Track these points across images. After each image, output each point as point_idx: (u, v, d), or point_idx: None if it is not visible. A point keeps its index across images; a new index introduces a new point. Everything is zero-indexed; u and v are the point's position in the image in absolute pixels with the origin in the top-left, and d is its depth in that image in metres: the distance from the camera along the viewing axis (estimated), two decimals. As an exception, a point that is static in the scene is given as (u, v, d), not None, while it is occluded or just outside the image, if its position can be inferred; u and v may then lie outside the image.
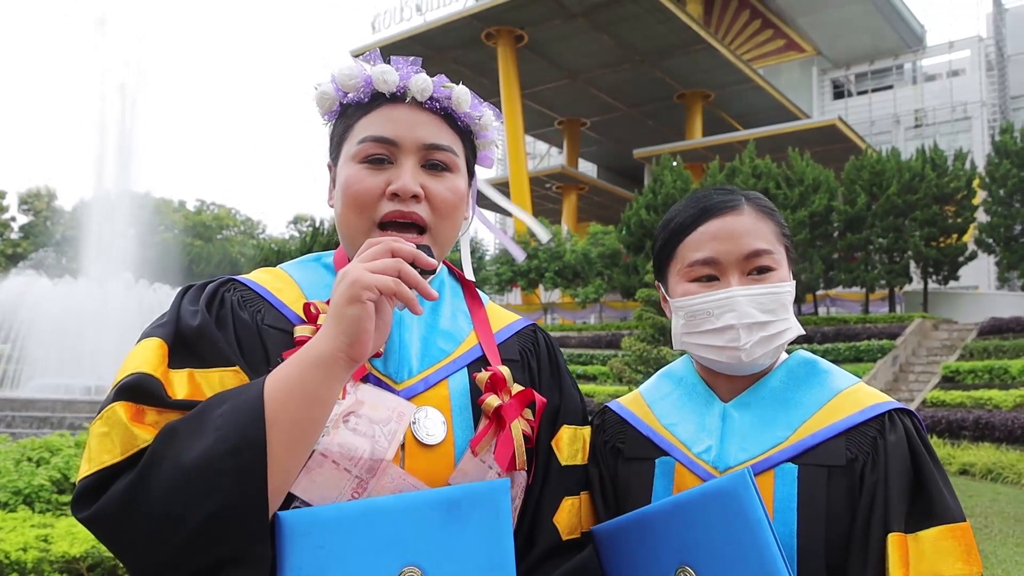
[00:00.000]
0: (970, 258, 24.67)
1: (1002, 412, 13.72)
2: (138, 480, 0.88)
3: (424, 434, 1.06)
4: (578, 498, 1.20)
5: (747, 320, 1.19)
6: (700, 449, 1.24)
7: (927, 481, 1.14)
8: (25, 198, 44.81)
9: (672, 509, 1.13)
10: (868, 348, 19.08)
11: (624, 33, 34.12)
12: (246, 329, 1.08)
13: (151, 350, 1.01)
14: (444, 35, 34.72)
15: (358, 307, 0.91)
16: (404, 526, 0.94)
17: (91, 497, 0.91)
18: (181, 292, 1.12)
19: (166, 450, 0.89)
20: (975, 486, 10.01)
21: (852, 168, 25.58)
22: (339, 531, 0.91)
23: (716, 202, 1.26)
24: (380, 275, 0.92)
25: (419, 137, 1.14)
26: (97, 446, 0.93)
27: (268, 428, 0.89)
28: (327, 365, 0.92)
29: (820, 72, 45.72)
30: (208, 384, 1.00)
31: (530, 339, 1.28)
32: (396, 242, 0.97)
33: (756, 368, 1.25)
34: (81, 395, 11.04)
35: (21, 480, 4.89)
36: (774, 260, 1.23)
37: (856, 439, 1.18)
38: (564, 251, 30.61)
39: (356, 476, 0.99)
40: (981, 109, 39.84)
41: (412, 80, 1.15)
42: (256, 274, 1.19)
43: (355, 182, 1.12)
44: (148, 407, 0.95)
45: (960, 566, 1.07)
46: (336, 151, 1.21)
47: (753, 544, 1.04)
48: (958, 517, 1.11)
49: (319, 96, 1.20)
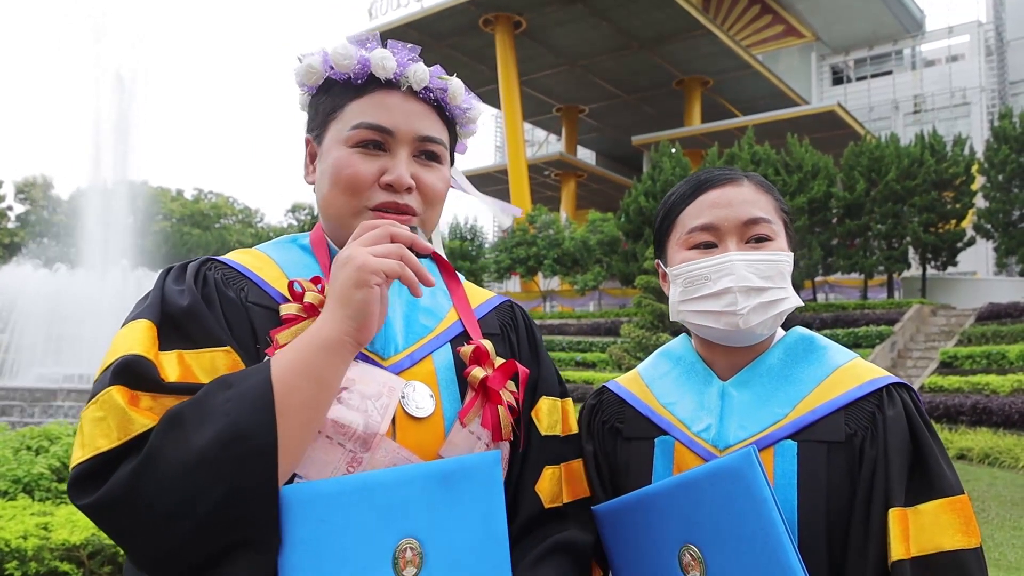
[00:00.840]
0: (968, 244, 24.66)
1: (1000, 397, 13.77)
2: (144, 465, 0.87)
3: (414, 407, 1.07)
4: (559, 468, 1.22)
5: (744, 284, 1.20)
6: (699, 428, 1.24)
7: (926, 455, 1.14)
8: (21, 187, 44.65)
9: (676, 488, 1.13)
10: (866, 334, 19.14)
11: (622, 19, 33.94)
12: (232, 307, 1.07)
13: (141, 331, 0.99)
14: (441, 21, 34.51)
15: (366, 291, 0.93)
16: (402, 498, 0.95)
17: (90, 484, 0.89)
18: (163, 273, 1.11)
19: (173, 436, 0.88)
20: (972, 470, 10.06)
21: (851, 154, 25.52)
22: (340, 504, 0.92)
23: (716, 175, 1.28)
24: (385, 259, 0.94)
25: (414, 128, 1.14)
26: (92, 431, 0.91)
27: (278, 413, 0.89)
28: (335, 349, 0.93)
29: (819, 58, 45.54)
30: (199, 366, 0.98)
31: (508, 314, 1.31)
32: (394, 226, 0.99)
33: (753, 339, 1.25)
34: (79, 383, 11.05)
35: (20, 468, 4.90)
36: (772, 230, 1.24)
37: (855, 414, 1.18)
38: (563, 238, 30.59)
39: (350, 450, 1.00)
40: (980, 94, 39.72)
41: (410, 68, 1.15)
42: (234, 254, 1.19)
43: (347, 166, 1.12)
44: (143, 392, 0.93)
45: (959, 538, 1.08)
46: (319, 128, 1.19)
47: (759, 522, 1.04)
48: (957, 490, 1.11)
49: (305, 69, 1.18)
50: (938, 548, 1.07)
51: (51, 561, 3.63)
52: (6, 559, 3.58)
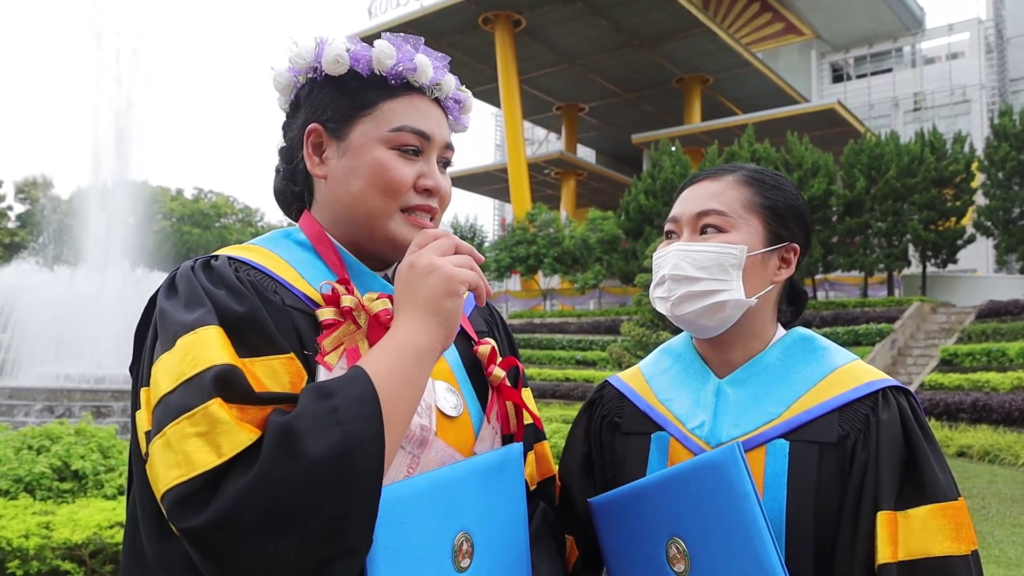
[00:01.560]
0: (969, 241, 24.65)
1: (1000, 394, 13.78)
2: (257, 482, 0.82)
3: (449, 407, 1.11)
4: (532, 453, 1.28)
5: (676, 272, 1.24)
6: (694, 424, 1.25)
7: (919, 459, 1.13)
8: (22, 187, 44.67)
9: (664, 482, 1.15)
10: (867, 332, 19.15)
11: (622, 17, 33.91)
12: (277, 312, 1.01)
13: (216, 339, 0.92)
14: (441, 20, 34.48)
15: (456, 300, 0.98)
16: (460, 494, 1.01)
17: (197, 503, 0.83)
18: (188, 272, 1.03)
19: (285, 450, 0.84)
20: (973, 468, 10.08)
21: (851, 152, 25.51)
22: (412, 506, 0.95)
23: (704, 172, 1.32)
24: (467, 271, 0.99)
25: (444, 136, 1.19)
26: (195, 448, 0.85)
27: (385, 422, 0.89)
28: (429, 356, 0.97)
29: (819, 56, 45.50)
30: (268, 375, 0.93)
31: (487, 311, 1.36)
32: (453, 238, 1.04)
33: (706, 330, 1.27)
34: (80, 383, 11.06)
35: (22, 468, 4.91)
36: (726, 222, 1.25)
37: (849, 416, 1.18)
38: (563, 237, 30.59)
39: (409, 452, 1.03)
40: (980, 92, 39.68)
41: (445, 79, 1.19)
42: (244, 252, 1.11)
43: (391, 168, 1.11)
44: (236, 404, 0.88)
45: (948, 544, 1.07)
46: (341, 121, 1.14)
47: (740, 516, 1.05)
48: (950, 496, 1.10)
49: (332, 58, 1.12)
50: (926, 553, 1.06)
51: (53, 560, 3.64)
52: (8, 558, 3.59)
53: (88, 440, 5.53)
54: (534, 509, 1.23)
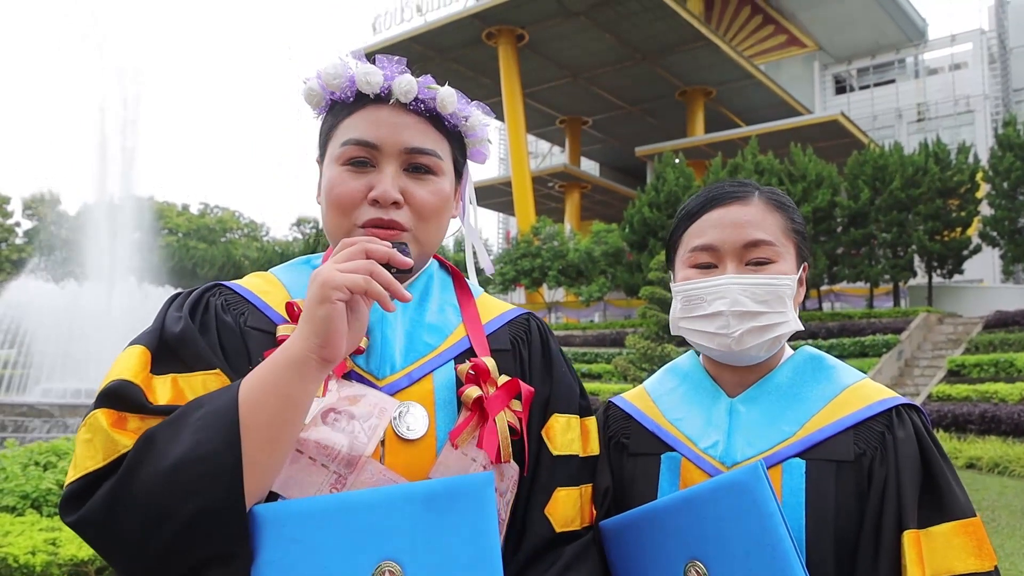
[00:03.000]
0: (974, 251, 24.57)
1: (1008, 405, 13.69)
2: (119, 485, 0.90)
3: (404, 429, 1.06)
4: (577, 489, 1.16)
5: (738, 308, 1.20)
6: (707, 444, 1.24)
7: (937, 476, 1.13)
8: (29, 203, 44.94)
9: (683, 503, 1.13)
10: (873, 343, 19.05)
11: (625, 31, 34.08)
12: (229, 332, 1.09)
13: (134, 357, 1.02)
14: (445, 35, 34.71)
15: (328, 307, 0.91)
16: (381, 520, 0.93)
17: (76, 502, 0.92)
18: (169, 300, 1.13)
19: (145, 455, 0.90)
20: (982, 480, 10.00)
21: (855, 163, 25.51)
22: (313, 524, 0.91)
23: (725, 192, 1.28)
24: (351, 275, 0.92)
25: (402, 141, 1.12)
26: (81, 452, 0.95)
27: (243, 430, 0.90)
28: (299, 366, 0.92)
29: (822, 67, 45.60)
30: (191, 388, 1.00)
31: (523, 327, 1.26)
32: (371, 242, 0.97)
33: (752, 359, 1.25)
34: (87, 399, 11.09)
35: (29, 484, 4.91)
36: (775, 252, 1.24)
37: (864, 434, 1.18)
38: (567, 249, 30.59)
39: (334, 471, 0.99)
40: (984, 102, 39.69)
41: (396, 81, 1.13)
42: (246, 279, 1.20)
43: (337, 184, 1.12)
44: (129, 413, 0.96)
45: (973, 561, 1.07)
46: (321, 149, 1.20)
47: (765, 537, 1.03)
48: (969, 512, 1.10)
49: (307, 92, 1.19)
50: (951, 571, 1.06)
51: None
52: (15, 575, 3.59)
53: (95, 456, 5.54)
54: (562, 552, 1.12)
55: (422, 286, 1.22)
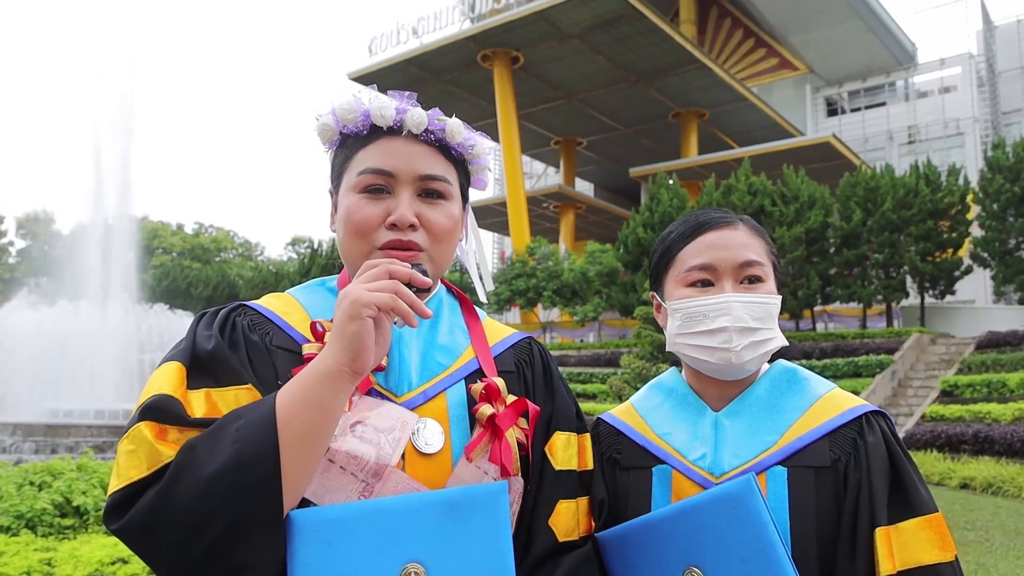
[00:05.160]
0: (966, 272, 24.76)
1: (1001, 426, 13.73)
2: (163, 493, 0.95)
3: (423, 443, 1.13)
4: (575, 502, 1.24)
5: (740, 324, 1.28)
6: (695, 456, 1.31)
7: (904, 477, 1.23)
8: (23, 222, 44.87)
9: (680, 514, 1.20)
10: (866, 363, 19.12)
11: (618, 54, 34.46)
12: (256, 350, 1.15)
13: (171, 373, 1.08)
14: (440, 57, 35.02)
15: (358, 323, 0.98)
16: (407, 525, 1.00)
17: (121, 510, 0.97)
18: (197, 318, 1.20)
19: (187, 464, 0.96)
20: (976, 500, 10.01)
21: (847, 184, 25.74)
22: (345, 529, 0.98)
23: (714, 217, 1.37)
24: (378, 293, 1.00)
25: (415, 168, 1.21)
26: (125, 463, 1.00)
27: (280, 439, 0.96)
28: (332, 378, 0.99)
29: (813, 90, 46.12)
30: (224, 402, 1.06)
31: (525, 351, 1.35)
32: (393, 264, 1.05)
33: (744, 373, 1.33)
34: (80, 419, 11.03)
35: (23, 504, 4.90)
36: (764, 272, 1.33)
37: (838, 441, 1.27)
38: (562, 270, 30.69)
39: (362, 480, 1.06)
40: (973, 125, 40.16)
41: (408, 114, 1.21)
42: (265, 299, 1.27)
43: (356, 211, 1.19)
44: (170, 426, 1.02)
45: (936, 552, 1.17)
46: (337, 180, 1.27)
47: (759, 544, 1.11)
48: (932, 508, 1.20)
49: (320, 127, 1.27)
50: (918, 562, 1.16)
51: (55, 597, 3.62)
52: (10, 595, 3.57)
53: (90, 476, 5.52)
54: (563, 561, 1.19)
55: (433, 308, 1.29)
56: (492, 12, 34.03)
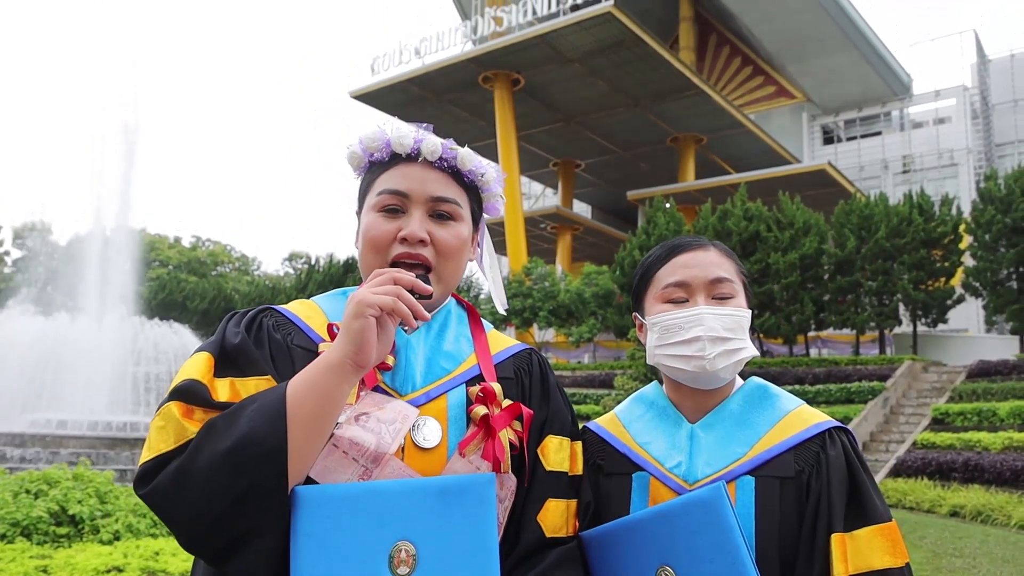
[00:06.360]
0: (958, 301, 24.93)
1: (991, 454, 13.82)
2: (185, 463, 1.08)
3: (421, 438, 1.24)
4: (564, 502, 1.34)
5: (712, 334, 1.39)
6: (672, 464, 1.42)
7: (861, 488, 1.34)
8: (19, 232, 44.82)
9: (656, 517, 1.31)
10: (859, 390, 19.20)
11: (618, 79, 34.83)
12: (279, 348, 1.29)
13: (200, 361, 1.21)
14: (442, 78, 35.33)
15: (362, 321, 1.11)
16: (401, 506, 1.11)
17: (149, 478, 1.10)
18: (227, 318, 1.34)
19: (207, 439, 1.09)
20: (965, 528, 10.05)
21: (841, 212, 25.98)
22: (345, 506, 1.09)
23: (687, 241, 1.50)
24: (382, 296, 1.13)
25: (427, 191, 1.35)
26: (156, 437, 1.13)
27: (288, 420, 1.08)
28: (337, 369, 1.12)
29: (810, 118, 46.59)
30: (245, 390, 1.19)
31: (525, 360, 1.46)
32: (398, 272, 1.18)
33: (720, 381, 1.44)
34: (75, 429, 11.03)
35: (19, 512, 4.94)
36: (734, 289, 1.45)
37: (803, 453, 1.38)
38: (558, 291, 30.80)
39: (362, 465, 1.17)
40: (967, 156, 40.59)
41: (424, 142, 1.37)
42: (291, 304, 1.41)
43: (372, 228, 1.35)
44: (196, 407, 1.14)
45: (888, 559, 1.27)
46: (361, 202, 1.42)
47: (726, 547, 1.22)
48: (886, 518, 1.30)
49: (350, 156, 1.43)
50: (870, 567, 1.26)
51: (51, 603, 3.67)
52: (6, 601, 3.62)
53: (86, 485, 5.57)
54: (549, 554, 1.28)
55: (442, 319, 1.42)
56: (494, 35, 34.40)
